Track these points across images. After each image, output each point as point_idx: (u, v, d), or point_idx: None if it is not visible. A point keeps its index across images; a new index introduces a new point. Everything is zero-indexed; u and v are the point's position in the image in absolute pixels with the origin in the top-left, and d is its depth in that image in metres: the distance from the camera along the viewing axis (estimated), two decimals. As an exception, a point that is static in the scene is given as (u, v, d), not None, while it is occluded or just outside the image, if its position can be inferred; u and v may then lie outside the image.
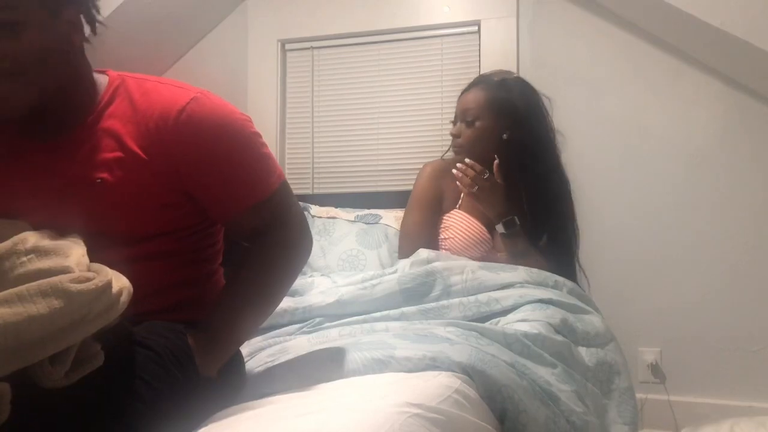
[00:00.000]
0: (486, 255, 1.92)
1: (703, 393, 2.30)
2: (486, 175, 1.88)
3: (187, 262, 1.14)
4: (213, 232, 1.20)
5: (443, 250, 1.91)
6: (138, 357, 0.95)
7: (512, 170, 1.94)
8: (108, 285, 0.88)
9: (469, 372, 1.12)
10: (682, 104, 2.37)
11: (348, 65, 2.78)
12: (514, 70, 2.53)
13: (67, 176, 1.06)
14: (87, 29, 1.11)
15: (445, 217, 1.96)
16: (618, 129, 2.43)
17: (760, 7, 1.98)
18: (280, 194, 1.15)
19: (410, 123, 2.68)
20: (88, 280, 0.86)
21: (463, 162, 1.92)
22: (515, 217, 1.89)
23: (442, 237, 1.95)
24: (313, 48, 2.82)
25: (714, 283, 2.31)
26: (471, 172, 1.86)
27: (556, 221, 1.97)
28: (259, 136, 1.15)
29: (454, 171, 1.87)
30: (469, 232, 1.90)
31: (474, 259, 1.86)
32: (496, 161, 1.89)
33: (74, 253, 0.92)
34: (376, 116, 2.73)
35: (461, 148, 1.96)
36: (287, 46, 2.86)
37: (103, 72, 1.16)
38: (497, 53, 2.56)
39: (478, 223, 1.92)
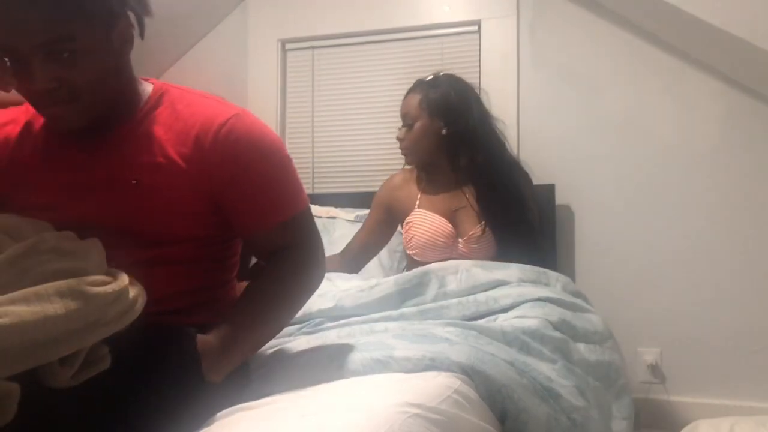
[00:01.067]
0: (450, 246, 1.96)
1: (703, 393, 2.30)
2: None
3: (206, 269, 1.17)
4: (233, 244, 1.23)
5: (412, 250, 1.99)
6: (144, 359, 0.95)
7: (460, 163, 2.03)
8: (124, 290, 0.88)
9: (469, 372, 1.12)
10: (682, 104, 2.37)
11: (348, 65, 2.78)
12: (514, 70, 2.53)
13: (103, 175, 1.08)
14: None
15: (408, 219, 2.03)
16: (618, 129, 2.43)
17: (760, 7, 1.98)
18: (303, 217, 1.19)
19: (410, 123, 2.67)
20: (106, 283, 0.86)
21: (413, 165, 2.08)
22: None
23: (408, 237, 2.00)
24: (313, 48, 2.82)
25: (714, 284, 2.31)
26: None
27: (514, 207, 2.00)
28: (291, 160, 1.19)
29: None
30: (433, 227, 1.96)
31: (440, 252, 1.94)
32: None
33: (93, 256, 0.92)
34: (376, 116, 2.73)
35: (407, 150, 2.07)
36: (287, 46, 2.86)
37: (146, 80, 1.19)
38: (497, 53, 2.56)
39: (440, 217, 1.98)
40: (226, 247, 1.21)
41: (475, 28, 2.62)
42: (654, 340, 2.36)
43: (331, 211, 2.50)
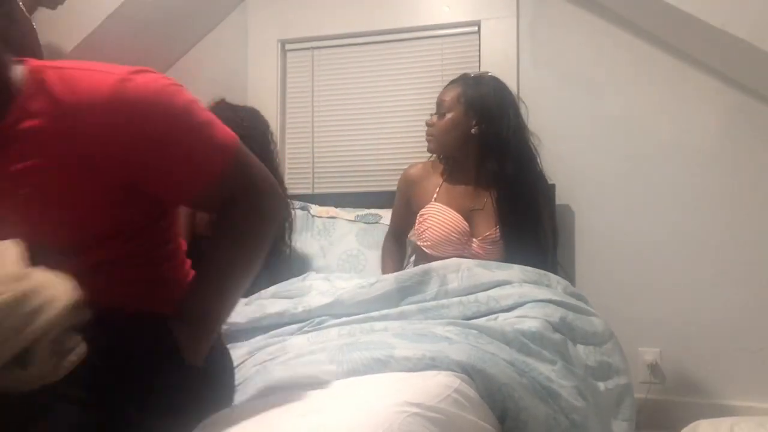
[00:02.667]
0: (464, 243, 1.95)
1: (703, 393, 2.30)
2: None
3: (141, 265, 1.05)
4: (163, 230, 1.10)
5: (424, 242, 1.98)
6: (124, 356, 0.92)
7: (481, 165, 2.02)
8: (21, 298, 0.81)
9: (469, 371, 1.12)
10: (682, 104, 2.37)
11: (348, 65, 2.78)
12: (514, 70, 2.53)
13: None
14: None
15: (422, 211, 2.02)
16: (618, 129, 2.43)
17: (760, 7, 1.98)
18: (236, 161, 1.05)
19: (410, 123, 2.68)
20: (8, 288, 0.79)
21: (434, 153, 2.08)
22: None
23: (422, 229, 1.99)
24: (313, 48, 2.82)
25: (714, 284, 2.31)
26: None
27: (527, 222, 1.98)
28: (196, 102, 1.03)
29: None
30: (447, 222, 1.95)
31: (453, 248, 1.93)
32: None
33: (6, 259, 0.85)
34: (376, 116, 2.73)
35: (432, 137, 2.06)
36: (287, 46, 2.86)
37: (21, 62, 1.01)
38: (497, 53, 2.56)
39: (456, 213, 1.97)
40: (154, 235, 1.08)
41: (475, 28, 2.62)
42: (654, 340, 2.36)
43: (331, 211, 2.50)
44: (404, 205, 2.14)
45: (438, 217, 1.96)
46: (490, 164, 2.00)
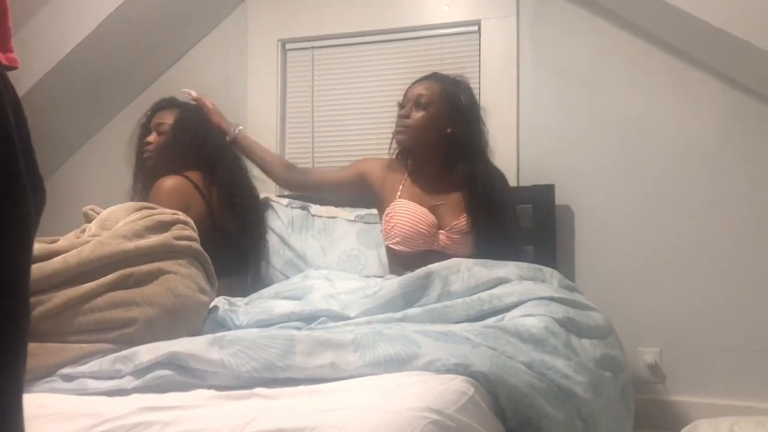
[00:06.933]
0: (432, 235, 1.99)
1: (703, 393, 2.30)
2: None
3: None
4: None
5: (392, 240, 2.01)
6: None
7: (448, 165, 2.06)
8: None
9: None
10: (682, 104, 2.37)
11: (348, 65, 2.78)
12: (514, 70, 2.53)
13: None
14: None
15: (388, 209, 2.06)
16: (618, 129, 2.43)
17: (760, 7, 1.98)
18: None
19: (410, 123, 2.67)
20: None
21: (402, 145, 2.10)
22: None
23: (389, 226, 2.02)
24: (313, 48, 2.82)
25: (714, 283, 2.31)
26: None
27: (494, 213, 2.04)
28: None
29: None
30: (415, 216, 1.99)
31: (423, 240, 1.97)
32: None
33: None
34: (376, 116, 2.73)
35: (408, 129, 2.05)
36: (287, 46, 2.86)
37: None
38: (497, 53, 2.56)
39: (421, 207, 2.01)
40: None
41: (475, 28, 2.62)
42: (654, 340, 2.36)
43: (331, 210, 2.50)
44: (359, 177, 2.22)
45: (405, 213, 2.00)
46: (460, 166, 2.04)
